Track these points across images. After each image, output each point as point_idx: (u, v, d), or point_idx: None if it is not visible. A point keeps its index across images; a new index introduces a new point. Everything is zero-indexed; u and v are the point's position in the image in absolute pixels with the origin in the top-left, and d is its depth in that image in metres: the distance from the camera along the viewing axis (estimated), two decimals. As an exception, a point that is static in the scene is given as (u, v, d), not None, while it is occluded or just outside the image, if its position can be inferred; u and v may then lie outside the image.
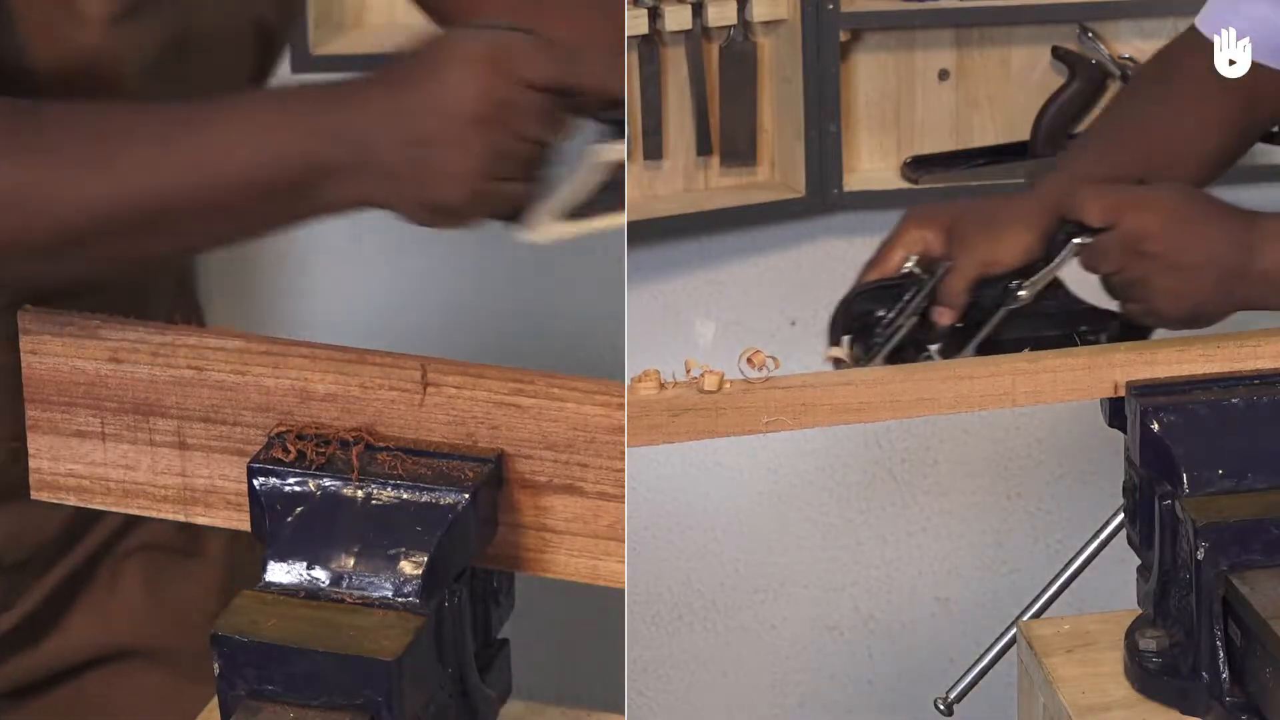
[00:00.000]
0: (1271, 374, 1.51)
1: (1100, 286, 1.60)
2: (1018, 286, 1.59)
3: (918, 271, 1.60)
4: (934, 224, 1.62)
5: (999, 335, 1.60)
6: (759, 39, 2.48)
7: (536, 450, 1.32)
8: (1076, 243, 1.58)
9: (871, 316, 1.60)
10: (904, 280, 1.61)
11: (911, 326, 1.59)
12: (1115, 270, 1.57)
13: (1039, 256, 1.60)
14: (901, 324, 1.59)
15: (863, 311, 1.61)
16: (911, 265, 1.61)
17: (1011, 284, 1.59)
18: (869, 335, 1.60)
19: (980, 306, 1.60)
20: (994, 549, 2.69)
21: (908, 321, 1.59)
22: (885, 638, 2.71)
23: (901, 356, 1.59)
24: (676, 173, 2.50)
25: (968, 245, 1.60)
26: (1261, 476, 1.47)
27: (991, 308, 1.60)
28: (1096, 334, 1.61)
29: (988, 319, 1.60)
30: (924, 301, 1.59)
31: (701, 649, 2.69)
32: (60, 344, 1.40)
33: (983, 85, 2.55)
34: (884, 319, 1.60)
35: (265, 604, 1.26)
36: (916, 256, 1.61)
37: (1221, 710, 1.43)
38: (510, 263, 2.64)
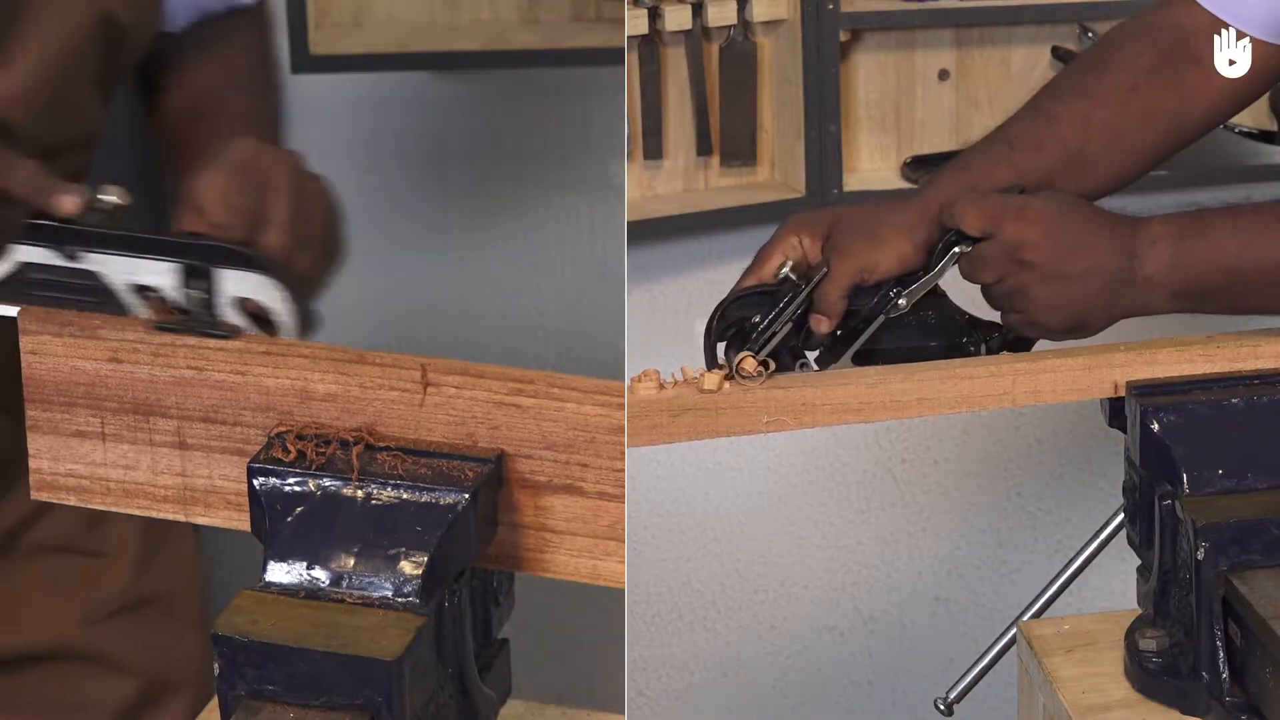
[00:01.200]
0: (1271, 374, 1.51)
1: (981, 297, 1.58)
2: (896, 295, 1.57)
3: (794, 278, 1.58)
4: (812, 230, 1.59)
5: (878, 344, 1.58)
6: (759, 39, 2.48)
7: (536, 450, 1.32)
8: (956, 251, 1.56)
9: (747, 323, 1.57)
10: (780, 286, 1.58)
11: (787, 333, 1.56)
12: (995, 280, 1.55)
13: (918, 265, 1.58)
14: (777, 330, 1.55)
15: (739, 318, 1.58)
16: (787, 271, 1.58)
17: (891, 292, 1.57)
18: (744, 342, 1.56)
19: (859, 315, 1.58)
20: (994, 549, 2.69)
21: (783, 328, 1.56)
22: (885, 638, 2.71)
23: (779, 364, 1.56)
24: (676, 173, 2.50)
25: (844, 252, 1.57)
26: (1261, 476, 1.47)
27: (870, 316, 1.57)
28: (978, 345, 1.59)
29: (865, 327, 1.57)
30: (799, 308, 1.56)
31: (701, 649, 2.70)
32: (60, 344, 1.40)
33: (983, 85, 2.55)
34: (759, 325, 1.56)
35: (265, 604, 1.26)
36: (793, 263, 1.59)
37: (1221, 710, 1.43)
38: (510, 263, 2.64)
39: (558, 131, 2.59)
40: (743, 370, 1.51)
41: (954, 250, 1.56)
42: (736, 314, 1.58)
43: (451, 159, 2.61)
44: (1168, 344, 1.53)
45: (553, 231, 2.62)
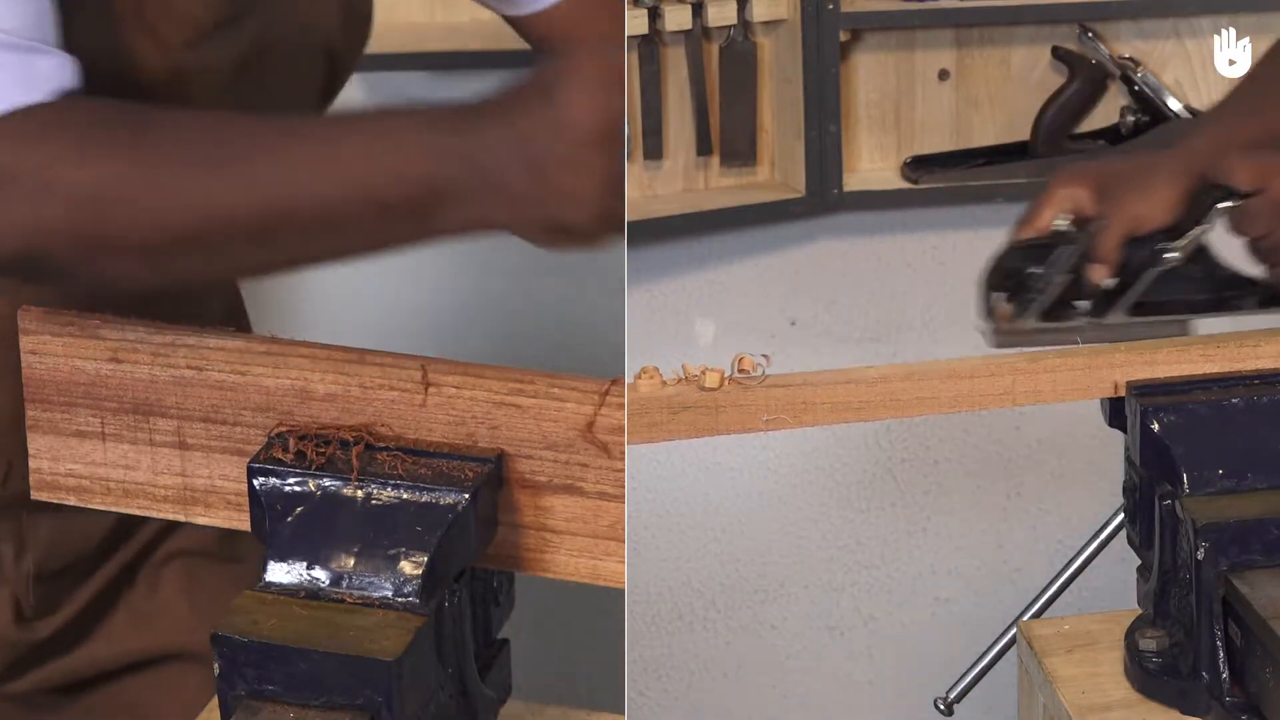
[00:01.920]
0: (1271, 374, 1.51)
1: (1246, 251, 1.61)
2: (1166, 248, 1.60)
3: (1069, 229, 1.62)
4: (1083, 182, 1.63)
5: (1148, 297, 1.62)
6: (759, 39, 2.48)
7: (536, 450, 1.32)
8: (1223, 207, 1.58)
9: (1023, 274, 1.62)
10: (1055, 238, 1.62)
11: (1065, 283, 1.61)
12: (1262, 235, 1.58)
13: (1187, 217, 1.60)
14: (1055, 280, 1.60)
15: (1014, 269, 1.63)
16: (1062, 223, 1.62)
17: (1160, 245, 1.60)
18: (1023, 291, 1.62)
19: (1130, 267, 1.61)
20: (994, 549, 2.69)
21: (1061, 278, 1.60)
22: (885, 638, 2.71)
23: (1054, 314, 1.61)
24: (676, 173, 2.50)
25: (1119, 202, 1.60)
26: (1261, 476, 1.47)
27: (1140, 268, 1.61)
28: (1241, 299, 1.63)
29: (1136, 279, 1.61)
30: (1076, 259, 1.60)
31: (701, 649, 2.69)
32: (60, 344, 1.40)
33: (983, 85, 2.55)
34: (1037, 275, 1.61)
35: (265, 604, 1.26)
36: (1068, 215, 1.62)
37: (1221, 710, 1.43)
38: (510, 263, 2.64)
39: (558, 131, 2.58)
40: (741, 368, 1.51)
41: (1222, 204, 1.58)
42: (1013, 265, 1.62)
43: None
44: (1168, 344, 1.53)
45: (553, 231, 2.62)
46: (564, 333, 2.66)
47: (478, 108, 1.30)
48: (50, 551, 1.59)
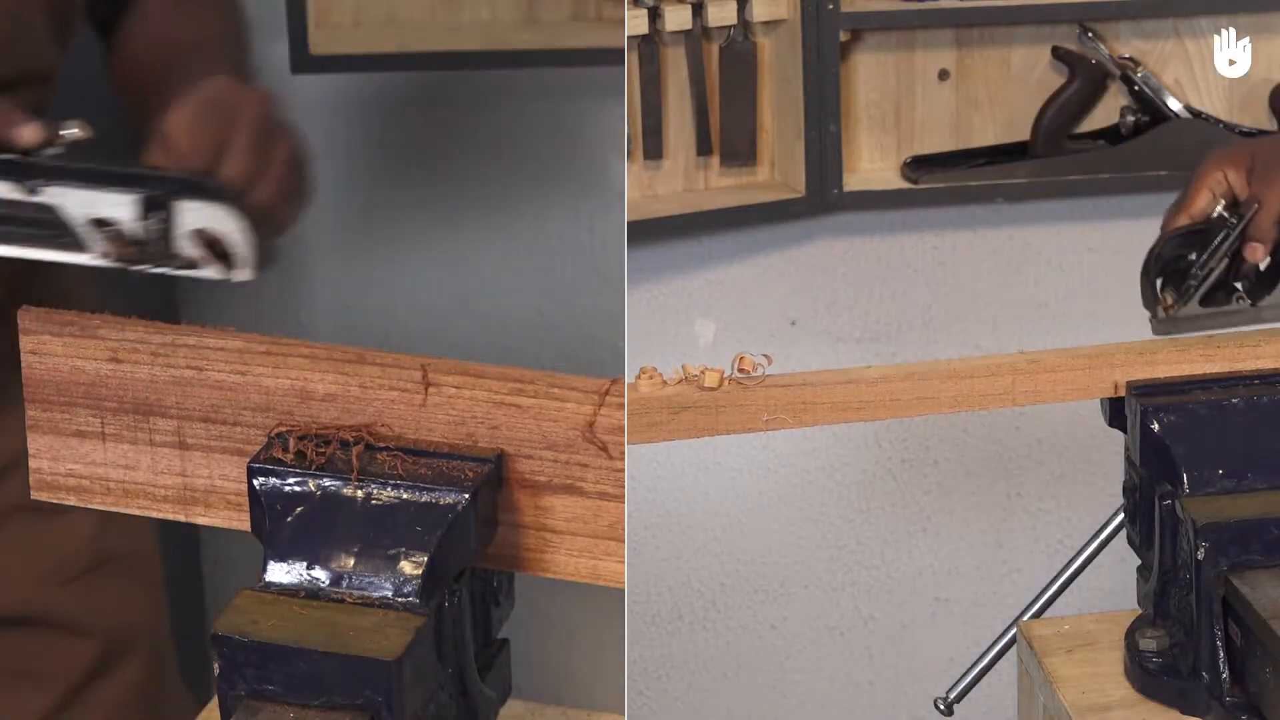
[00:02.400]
0: (1271, 374, 1.51)
1: None
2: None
3: (1226, 214, 1.62)
4: (1235, 164, 1.64)
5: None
6: (759, 39, 2.48)
7: (536, 450, 1.32)
8: None
9: (1183, 261, 1.63)
10: (1212, 223, 1.63)
11: (1223, 268, 1.62)
12: None
13: None
14: (1214, 266, 1.61)
15: (1174, 256, 1.63)
16: (1219, 209, 1.62)
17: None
18: (1182, 279, 1.62)
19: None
20: (994, 549, 2.69)
21: (1220, 263, 1.61)
22: (885, 638, 2.71)
23: (1212, 298, 1.62)
24: (676, 173, 2.50)
25: (1272, 182, 1.61)
26: (1261, 476, 1.47)
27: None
28: None
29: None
30: (1235, 242, 1.61)
31: (701, 649, 2.69)
32: (60, 344, 1.40)
33: (983, 85, 2.55)
34: (1197, 262, 1.62)
35: (265, 604, 1.26)
36: (1222, 199, 1.63)
37: (1221, 710, 1.43)
38: (510, 263, 2.64)
39: (558, 131, 2.59)
40: (741, 367, 1.51)
41: None
42: (1171, 253, 1.63)
43: (451, 159, 2.61)
44: (1168, 344, 1.53)
45: (553, 231, 2.62)
46: (564, 333, 2.66)
47: None
48: None
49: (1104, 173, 2.49)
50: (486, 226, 2.63)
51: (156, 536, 1.88)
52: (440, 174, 2.61)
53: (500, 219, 2.62)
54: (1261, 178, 1.62)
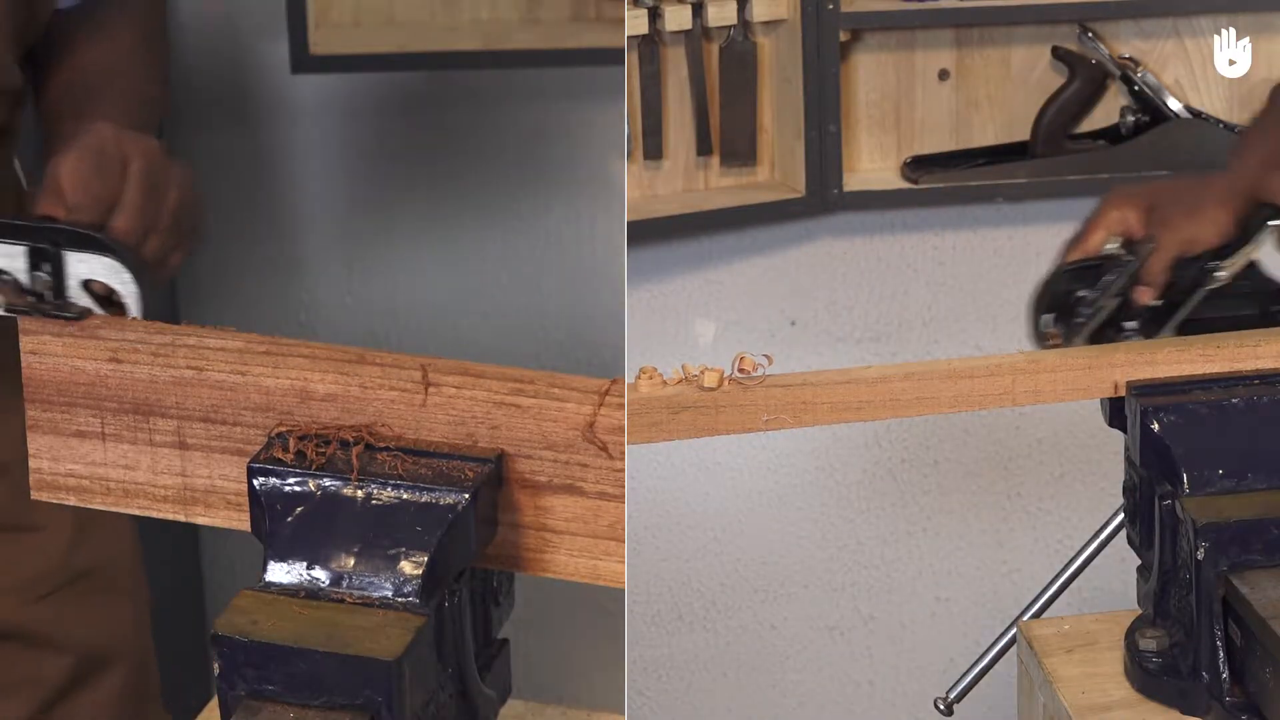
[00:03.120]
0: (1271, 374, 1.51)
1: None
2: (1215, 267, 1.61)
3: (1120, 252, 1.62)
4: (1134, 204, 1.63)
5: (1196, 315, 1.62)
6: (759, 39, 2.48)
7: (536, 450, 1.32)
8: (1274, 225, 1.59)
9: (1073, 296, 1.63)
10: (1106, 260, 1.62)
11: (1114, 306, 1.61)
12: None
13: (1236, 237, 1.61)
14: (1104, 304, 1.61)
15: (1065, 291, 1.63)
16: (1113, 246, 1.62)
17: (1209, 265, 1.61)
18: (1072, 315, 1.62)
19: (1178, 287, 1.62)
20: (994, 549, 2.69)
21: (1110, 302, 1.61)
22: (885, 638, 2.71)
23: (1102, 336, 1.62)
24: (676, 173, 2.50)
25: (1170, 225, 1.61)
26: (1261, 476, 1.47)
27: (1190, 288, 1.61)
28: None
29: (1185, 299, 1.62)
30: (1127, 281, 1.61)
31: (701, 649, 2.69)
32: (60, 344, 1.40)
33: (983, 85, 2.55)
34: (1086, 299, 1.62)
35: (265, 604, 1.26)
36: (1118, 237, 1.63)
37: (1221, 710, 1.43)
38: (510, 263, 2.64)
39: (558, 131, 2.59)
40: (741, 368, 1.51)
41: (1272, 224, 1.59)
42: (1062, 287, 1.63)
43: (451, 159, 2.61)
44: (1168, 344, 1.53)
45: (553, 231, 2.62)
46: (564, 333, 2.66)
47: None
48: None
49: (1104, 173, 2.49)
50: (486, 226, 2.63)
51: (136, 551, 1.88)
52: (440, 174, 2.61)
53: (500, 219, 2.62)
54: (1159, 220, 1.62)
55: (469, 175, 2.61)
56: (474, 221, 2.63)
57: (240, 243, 2.62)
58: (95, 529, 1.80)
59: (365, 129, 2.61)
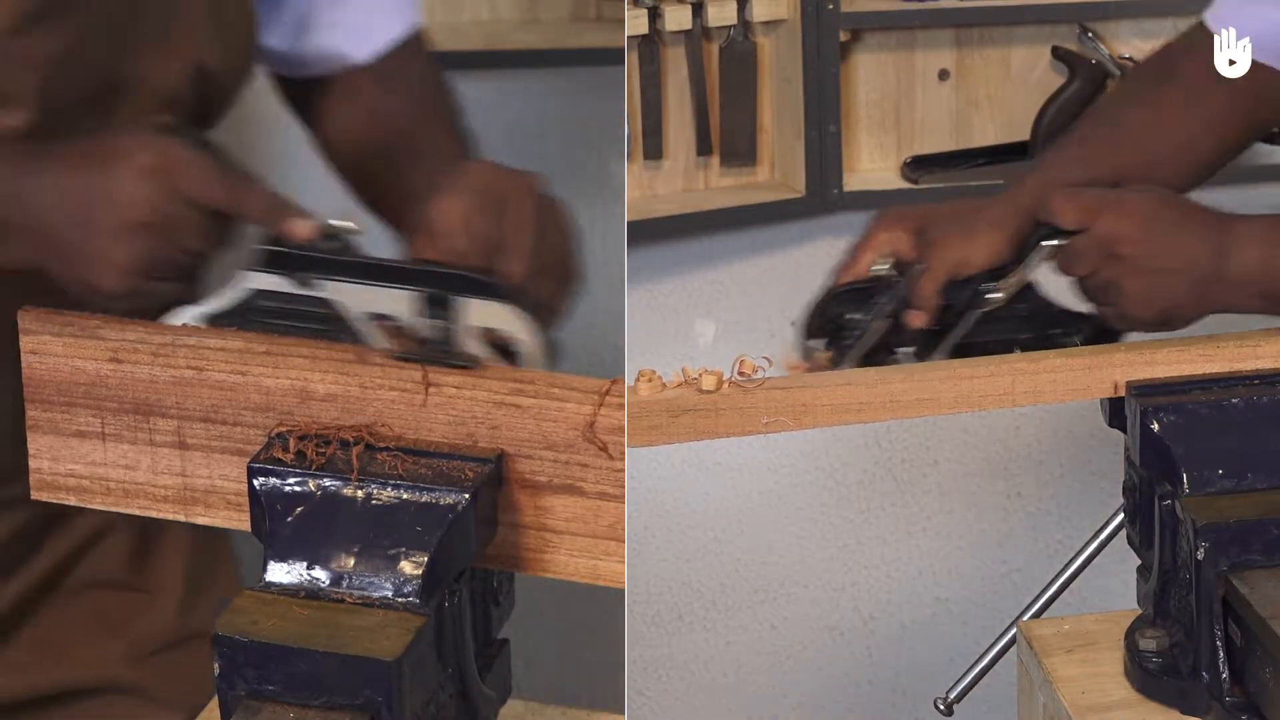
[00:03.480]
0: (1271, 374, 1.51)
1: (1073, 289, 1.59)
2: (990, 289, 1.58)
3: (889, 274, 1.59)
4: (904, 226, 1.61)
5: (972, 338, 1.59)
6: (759, 39, 2.48)
7: (536, 450, 1.32)
8: (1049, 245, 1.56)
9: (843, 319, 1.59)
10: (875, 283, 1.59)
11: (884, 329, 1.58)
12: (1088, 273, 1.56)
13: (1011, 258, 1.58)
14: (873, 327, 1.58)
15: (835, 314, 1.60)
16: (882, 268, 1.59)
17: (983, 286, 1.58)
18: (841, 338, 1.58)
19: (952, 309, 1.59)
20: (994, 549, 2.69)
21: (880, 324, 1.58)
22: (885, 638, 2.71)
23: (873, 359, 1.58)
24: (676, 173, 2.50)
25: (939, 247, 1.58)
26: (1261, 476, 1.47)
27: (963, 310, 1.58)
28: (1069, 336, 1.60)
29: (960, 321, 1.58)
30: (896, 304, 1.58)
31: (701, 649, 2.69)
32: (60, 344, 1.40)
33: (983, 85, 2.55)
34: (856, 321, 1.58)
35: (265, 604, 1.26)
36: (888, 259, 1.60)
37: (1221, 710, 1.43)
38: (510, 263, 2.64)
39: (558, 131, 2.59)
40: (741, 370, 1.51)
41: (1047, 244, 1.57)
42: (833, 311, 1.60)
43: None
44: (1168, 344, 1.53)
45: (553, 231, 2.62)
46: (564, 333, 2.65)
47: (50, 150, 1.38)
48: None
49: (1104, 173, 2.48)
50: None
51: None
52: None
53: (500, 219, 2.62)
54: (928, 241, 1.59)
55: (469, 175, 2.61)
56: (474, 221, 2.63)
57: (240, 243, 2.61)
58: (208, 592, 1.79)
59: (365, 129, 2.61)
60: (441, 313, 1.35)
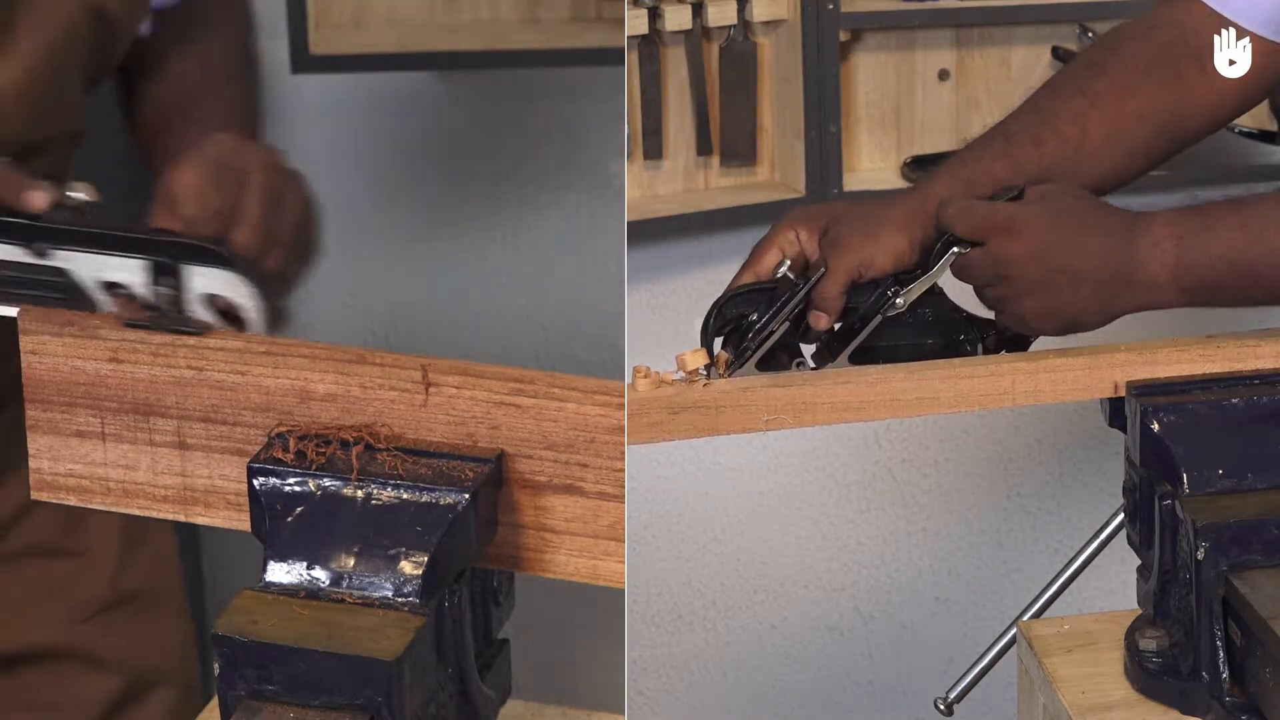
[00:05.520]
0: (1271, 374, 1.51)
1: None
2: (894, 294, 1.55)
3: (791, 276, 1.56)
4: (808, 225, 1.58)
5: (876, 342, 1.56)
6: (759, 39, 2.48)
7: (536, 450, 1.32)
8: (953, 252, 1.54)
9: (744, 321, 1.56)
10: (778, 284, 1.56)
11: (785, 331, 1.55)
12: (982, 286, 1.54)
13: (915, 262, 1.56)
14: (774, 329, 1.54)
15: (735, 315, 1.56)
16: (785, 269, 1.56)
17: (889, 291, 1.55)
18: (741, 339, 1.55)
19: (856, 312, 1.56)
20: (994, 549, 2.69)
21: (781, 326, 1.54)
22: (885, 638, 2.71)
23: (775, 362, 1.55)
24: (676, 173, 2.50)
25: (842, 248, 1.55)
26: (1261, 476, 1.47)
27: (868, 314, 1.56)
28: (975, 343, 1.57)
29: (864, 325, 1.56)
30: (798, 306, 1.54)
31: (701, 649, 2.69)
32: (60, 344, 1.40)
33: (983, 85, 2.55)
34: (756, 323, 1.55)
35: (265, 604, 1.26)
36: (790, 259, 1.56)
37: (1221, 710, 1.43)
38: (510, 263, 2.64)
39: (558, 131, 2.59)
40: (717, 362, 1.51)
41: (950, 251, 1.55)
42: (734, 311, 1.56)
43: (451, 159, 2.61)
44: (1168, 344, 1.53)
45: (553, 231, 2.62)
46: (564, 333, 2.66)
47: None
48: None
49: (1104, 173, 2.48)
50: (486, 226, 2.63)
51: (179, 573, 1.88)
52: (440, 174, 2.62)
53: (500, 219, 2.63)
54: (831, 241, 1.55)
55: (469, 175, 2.61)
56: (474, 221, 2.63)
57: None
58: (142, 551, 1.80)
59: (365, 129, 2.61)
60: (170, 281, 1.39)
